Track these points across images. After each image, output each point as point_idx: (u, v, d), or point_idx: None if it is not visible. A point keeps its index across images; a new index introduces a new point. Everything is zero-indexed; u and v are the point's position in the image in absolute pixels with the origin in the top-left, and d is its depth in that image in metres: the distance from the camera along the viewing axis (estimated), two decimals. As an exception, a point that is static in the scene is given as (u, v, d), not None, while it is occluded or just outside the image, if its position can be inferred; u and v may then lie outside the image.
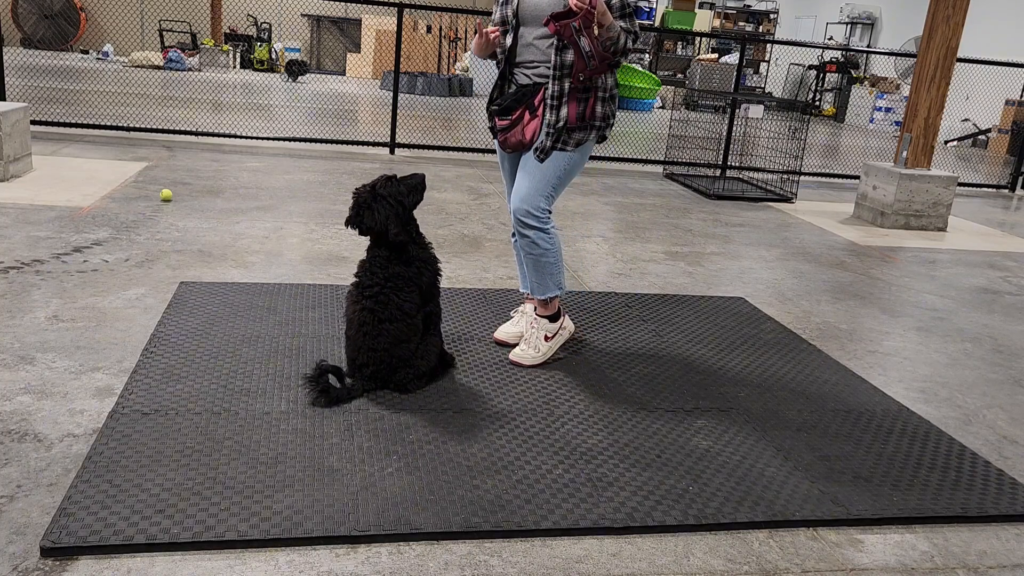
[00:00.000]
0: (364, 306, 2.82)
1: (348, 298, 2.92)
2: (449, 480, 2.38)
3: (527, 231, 3.15)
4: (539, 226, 3.14)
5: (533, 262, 3.22)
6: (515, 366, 3.27)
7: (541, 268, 3.22)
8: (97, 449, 2.38)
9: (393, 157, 8.21)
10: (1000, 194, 9.54)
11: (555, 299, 3.32)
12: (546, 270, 3.22)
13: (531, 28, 3.08)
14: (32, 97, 9.92)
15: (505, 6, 3.16)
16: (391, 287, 2.83)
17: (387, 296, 2.82)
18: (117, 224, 4.76)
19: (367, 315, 2.82)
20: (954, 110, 15.01)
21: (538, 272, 3.24)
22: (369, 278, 2.85)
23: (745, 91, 17.89)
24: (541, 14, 3.02)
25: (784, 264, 5.30)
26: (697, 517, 2.31)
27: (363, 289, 2.85)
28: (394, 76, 8.40)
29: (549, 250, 3.18)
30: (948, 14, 6.47)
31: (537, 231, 3.14)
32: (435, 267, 2.98)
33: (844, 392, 3.29)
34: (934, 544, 2.33)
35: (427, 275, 2.93)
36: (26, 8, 17.81)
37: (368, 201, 2.84)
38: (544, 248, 3.17)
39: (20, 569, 1.91)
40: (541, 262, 3.20)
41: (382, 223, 2.83)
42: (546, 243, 3.17)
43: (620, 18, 3.00)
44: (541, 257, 3.19)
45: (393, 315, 2.82)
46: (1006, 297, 5.01)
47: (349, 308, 2.90)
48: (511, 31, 3.14)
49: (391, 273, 2.84)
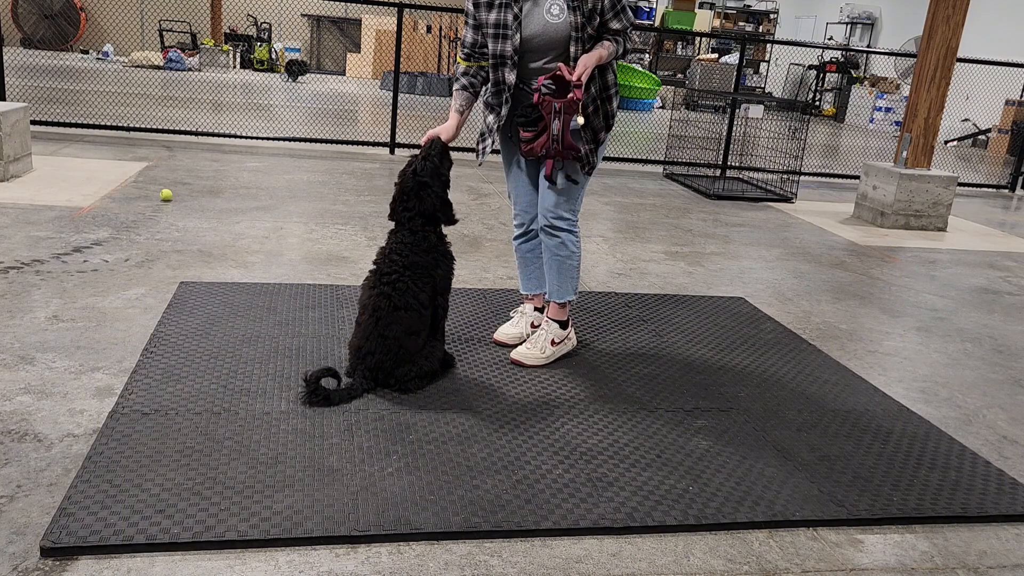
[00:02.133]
0: (381, 291, 2.86)
1: (364, 285, 2.95)
2: (449, 480, 2.38)
3: (558, 234, 3.24)
4: (569, 228, 3.24)
5: (558, 264, 3.28)
6: (516, 365, 3.27)
7: (564, 271, 3.30)
8: (97, 449, 2.38)
9: (393, 157, 8.21)
10: (1000, 194, 9.54)
11: (568, 304, 3.39)
12: (568, 273, 3.30)
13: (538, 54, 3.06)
14: (32, 97, 9.92)
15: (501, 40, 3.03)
16: (409, 275, 2.87)
17: (405, 284, 2.86)
18: (117, 224, 4.76)
19: (383, 300, 2.85)
20: (954, 110, 15.02)
21: (560, 275, 3.30)
22: (388, 266, 2.89)
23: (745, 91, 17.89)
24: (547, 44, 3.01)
25: (784, 264, 5.30)
26: (697, 517, 2.31)
27: (381, 276, 2.89)
28: (394, 76, 8.40)
29: (575, 253, 3.28)
30: (948, 14, 6.47)
31: (568, 233, 3.24)
32: (451, 261, 3.04)
33: (844, 392, 3.29)
34: (934, 544, 2.33)
35: (443, 267, 2.98)
36: (26, 8, 17.81)
37: (415, 188, 2.92)
38: (571, 251, 3.27)
39: (20, 569, 1.91)
40: (566, 265, 3.28)
41: (431, 208, 2.92)
42: (573, 246, 3.27)
43: (613, 17, 3.00)
44: (567, 260, 3.27)
45: (408, 303, 2.86)
46: (1006, 297, 5.01)
47: (364, 294, 2.93)
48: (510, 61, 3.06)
49: (410, 262, 2.89)
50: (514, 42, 3.01)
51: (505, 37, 3.02)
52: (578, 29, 2.96)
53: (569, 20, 2.96)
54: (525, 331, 3.46)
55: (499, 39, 3.03)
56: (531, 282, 3.50)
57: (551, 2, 2.97)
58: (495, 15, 3.01)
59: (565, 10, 2.95)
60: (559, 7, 2.96)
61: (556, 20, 2.97)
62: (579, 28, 2.96)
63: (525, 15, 3.00)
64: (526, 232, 3.41)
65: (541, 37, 3.00)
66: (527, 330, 3.47)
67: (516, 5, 2.99)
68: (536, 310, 3.53)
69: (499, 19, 3.01)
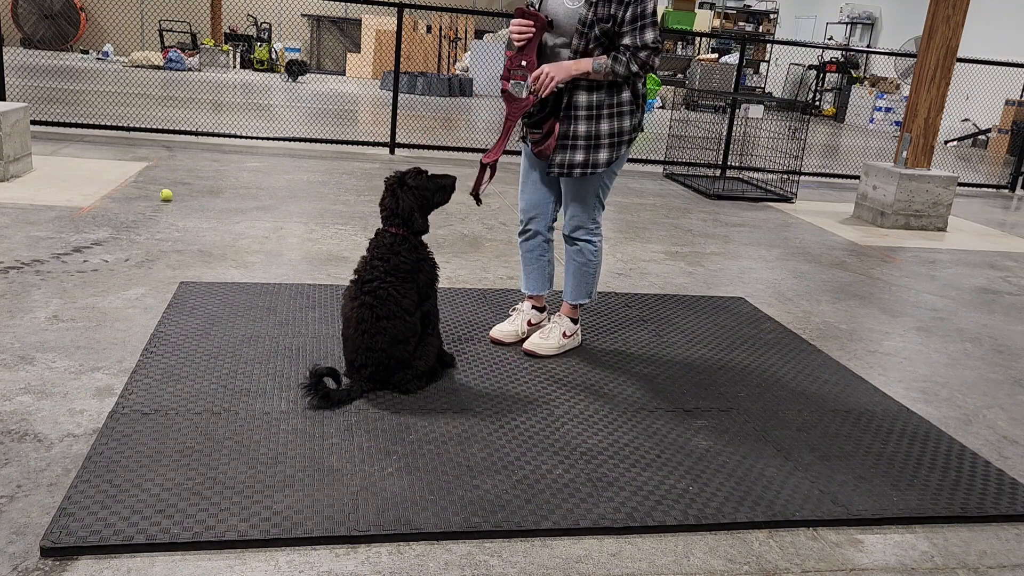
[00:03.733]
0: (363, 302, 2.82)
1: (345, 295, 2.91)
2: (449, 480, 2.38)
3: (576, 242, 3.31)
4: (587, 238, 3.30)
5: (575, 268, 3.35)
6: (529, 355, 3.33)
7: (581, 276, 3.36)
8: (97, 449, 2.38)
9: (393, 157, 8.21)
10: (1000, 194, 9.54)
11: (581, 306, 3.46)
12: (584, 279, 3.36)
13: (553, 35, 3.07)
14: (32, 97, 9.92)
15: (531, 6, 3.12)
16: (391, 281, 2.83)
17: (386, 291, 2.81)
18: (117, 224, 4.76)
19: (365, 311, 2.81)
20: (954, 110, 15.02)
21: (576, 278, 3.37)
22: (369, 272, 2.86)
23: (745, 91, 17.89)
24: (559, 28, 3.02)
25: (784, 264, 5.31)
26: (697, 517, 2.31)
27: (362, 285, 2.85)
28: (394, 76, 8.40)
29: (591, 261, 3.33)
30: (948, 14, 6.47)
31: (586, 242, 3.30)
32: (433, 265, 2.99)
33: (844, 392, 3.29)
34: (934, 544, 2.33)
35: (426, 271, 2.94)
36: (26, 8, 17.81)
37: (395, 188, 2.93)
38: (587, 259, 3.33)
39: (20, 569, 1.91)
40: (582, 271, 3.35)
41: (407, 210, 2.91)
42: (591, 254, 3.32)
43: (629, 31, 2.94)
44: (584, 266, 3.34)
45: (392, 312, 2.81)
46: (1006, 297, 5.01)
47: (346, 306, 2.89)
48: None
49: (392, 266, 2.85)
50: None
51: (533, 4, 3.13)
52: (584, 23, 2.93)
53: (580, 12, 2.94)
54: (521, 328, 3.46)
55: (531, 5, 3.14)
56: (530, 281, 3.50)
57: None
58: None
59: (582, 1, 2.94)
60: None
61: (570, 7, 2.97)
62: (585, 23, 2.93)
63: None
64: (525, 231, 3.41)
65: (556, 19, 3.02)
66: (523, 328, 3.47)
67: None
68: (535, 308, 3.53)
69: None
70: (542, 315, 3.54)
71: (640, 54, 2.95)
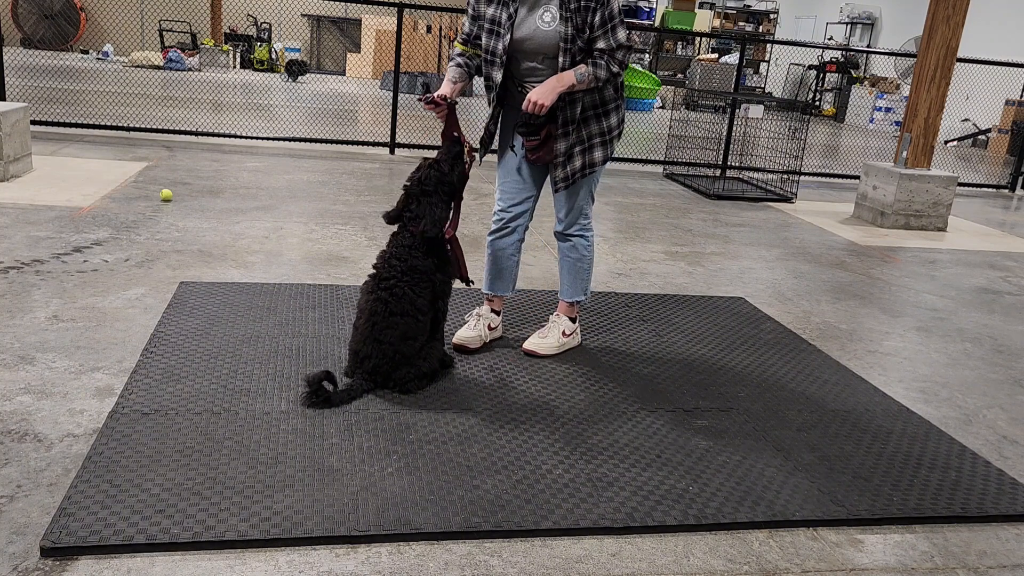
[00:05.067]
0: (378, 296, 2.86)
1: (363, 288, 2.96)
2: (449, 480, 2.38)
3: (570, 238, 3.33)
4: (582, 232, 3.33)
5: (569, 266, 3.37)
6: (529, 355, 3.32)
7: (576, 273, 3.38)
8: (97, 449, 2.38)
9: (393, 157, 8.21)
10: (1000, 194, 9.54)
11: (578, 304, 3.46)
12: (580, 275, 3.39)
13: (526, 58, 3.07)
14: (32, 97, 9.92)
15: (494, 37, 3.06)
16: (408, 281, 2.87)
17: (402, 290, 2.86)
18: (117, 224, 4.76)
19: (379, 305, 2.85)
20: (954, 110, 15.02)
21: (571, 276, 3.39)
22: (388, 270, 2.89)
23: (745, 91, 17.89)
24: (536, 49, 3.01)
25: (784, 264, 5.30)
26: (697, 517, 2.31)
27: (380, 281, 2.89)
28: (394, 76, 8.40)
29: (585, 256, 3.37)
30: (948, 14, 6.47)
31: (579, 238, 3.33)
32: (450, 266, 3.03)
33: (844, 392, 3.29)
34: (934, 544, 2.33)
35: (443, 272, 2.98)
36: (26, 8, 17.81)
37: (417, 196, 2.93)
38: (581, 254, 3.36)
39: (20, 569, 1.91)
40: (577, 267, 3.37)
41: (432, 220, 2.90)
42: (585, 249, 3.35)
43: (601, 35, 2.96)
44: (578, 262, 3.37)
45: (405, 309, 2.86)
46: (1006, 297, 5.01)
47: (362, 298, 2.94)
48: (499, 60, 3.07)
49: (409, 266, 2.88)
50: (504, 41, 3.03)
51: (498, 35, 3.05)
52: (567, 40, 2.95)
53: (559, 30, 2.95)
54: (483, 333, 3.37)
55: (492, 35, 3.07)
56: (499, 282, 3.41)
57: (544, 9, 2.96)
58: (492, 10, 3.05)
59: (557, 19, 2.95)
60: (551, 15, 2.96)
61: (547, 28, 2.97)
62: (568, 39, 2.95)
63: (519, 17, 3.01)
64: (503, 227, 3.32)
65: (531, 41, 3.01)
66: (485, 332, 3.38)
67: (512, 5, 3.00)
68: (493, 312, 3.46)
69: (495, 15, 3.04)
70: (499, 319, 3.49)
71: (617, 54, 3.00)
